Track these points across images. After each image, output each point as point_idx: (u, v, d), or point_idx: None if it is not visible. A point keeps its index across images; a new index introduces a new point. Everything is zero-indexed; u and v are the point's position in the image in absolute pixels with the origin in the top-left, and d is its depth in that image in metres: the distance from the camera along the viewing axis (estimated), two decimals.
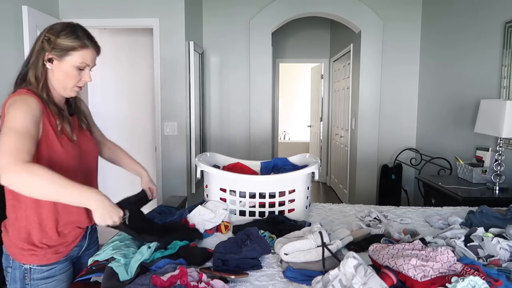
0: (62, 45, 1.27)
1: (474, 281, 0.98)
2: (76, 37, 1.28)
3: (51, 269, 1.32)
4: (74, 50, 1.28)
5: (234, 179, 1.81)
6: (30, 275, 1.29)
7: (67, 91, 1.34)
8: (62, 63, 1.28)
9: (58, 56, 1.28)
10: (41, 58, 1.28)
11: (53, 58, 1.28)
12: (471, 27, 3.28)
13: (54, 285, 1.33)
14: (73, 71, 1.30)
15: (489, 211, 1.74)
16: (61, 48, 1.27)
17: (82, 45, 1.29)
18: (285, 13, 4.35)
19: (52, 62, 1.28)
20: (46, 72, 1.29)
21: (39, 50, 1.28)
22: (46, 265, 1.31)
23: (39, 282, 1.30)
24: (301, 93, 8.76)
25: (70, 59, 1.28)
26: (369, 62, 4.33)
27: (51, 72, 1.30)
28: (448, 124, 3.62)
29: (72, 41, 1.27)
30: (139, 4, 3.58)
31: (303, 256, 1.29)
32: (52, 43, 1.26)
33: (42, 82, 1.28)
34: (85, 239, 1.46)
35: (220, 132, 4.49)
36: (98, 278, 1.20)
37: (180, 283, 1.08)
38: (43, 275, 1.31)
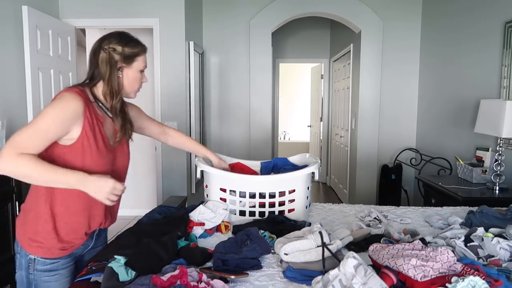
0: (129, 52, 1.37)
1: (474, 281, 0.98)
2: (136, 43, 1.41)
3: (54, 263, 1.35)
4: (139, 56, 1.40)
5: (234, 179, 1.81)
6: (34, 265, 1.33)
7: (132, 94, 1.46)
8: (130, 70, 1.39)
9: (127, 64, 1.38)
10: (115, 69, 1.36)
11: (123, 67, 1.37)
12: (471, 27, 3.28)
13: (56, 278, 1.36)
14: (139, 74, 1.42)
15: (489, 211, 1.74)
16: (129, 55, 1.37)
17: (143, 49, 1.42)
18: (285, 13, 4.35)
19: (122, 71, 1.38)
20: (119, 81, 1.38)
21: (108, 61, 1.34)
22: (50, 259, 1.34)
23: (42, 274, 1.34)
24: (301, 93, 8.76)
25: (137, 64, 1.40)
26: (369, 62, 4.33)
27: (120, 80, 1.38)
28: (448, 124, 3.62)
29: (135, 48, 1.39)
30: (139, 4, 3.58)
31: (303, 256, 1.29)
32: (121, 53, 1.35)
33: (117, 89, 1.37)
34: (91, 239, 1.47)
35: (220, 132, 4.49)
36: (98, 278, 1.20)
37: (180, 283, 1.08)
38: (46, 268, 1.34)
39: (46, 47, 3.20)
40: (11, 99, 2.90)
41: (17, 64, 2.95)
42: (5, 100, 2.84)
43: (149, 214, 1.85)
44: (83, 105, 1.28)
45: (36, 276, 1.34)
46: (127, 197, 4.68)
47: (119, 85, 1.37)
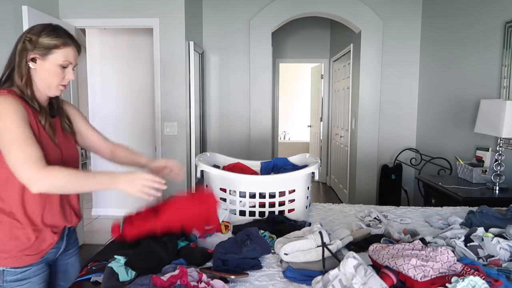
0: (44, 43, 1.28)
1: (474, 281, 0.98)
2: (57, 35, 1.30)
3: (25, 271, 1.29)
4: (57, 48, 1.30)
5: (234, 179, 1.81)
6: (3, 277, 1.27)
7: (51, 90, 1.34)
8: (45, 62, 1.29)
9: (41, 55, 1.29)
10: (24, 58, 1.28)
11: (36, 58, 1.29)
12: (471, 27, 3.28)
13: (28, 286, 1.30)
14: (57, 69, 1.31)
15: (489, 211, 1.74)
16: (44, 47, 1.28)
17: (64, 43, 1.31)
18: (285, 13, 4.35)
19: (35, 62, 1.29)
20: (29, 72, 1.29)
21: (21, 51, 1.28)
22: (20, 267, 1.28)
23: (13, 284, 1.28)
24: (301, 93, 8.75)
25: (53, 57, 1.30)
26: (369, 62, 4.33)
27: (35, 72, 1.30)
28: (448, 124, 3.62)
29: (54, 40, 1.29)
30: (139, 4, 3.58)
31: (303, 256, 1.29)
32: (34, 42, 1.27)
33: (25, 80, 1.28)
34: (62, 241, 1.42)
35: (220, 132, 4.49)
36: (98, 278, 1.20)
37: (180, 283, 1.08)
38: (16, 277, 1.28)
39: None
40: None
41: None
42: None
43: None
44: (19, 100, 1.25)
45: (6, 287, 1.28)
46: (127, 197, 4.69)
47: (27, 75, 1.28)
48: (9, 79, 1.31)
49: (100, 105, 4.49)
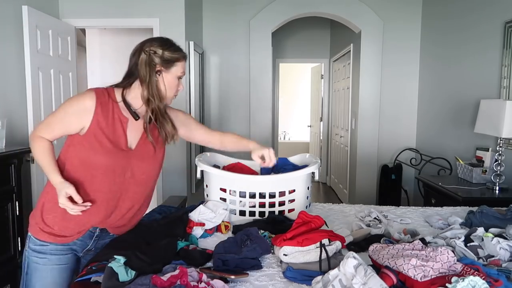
0: (169, 57, 1.37)
1: (474, 281, 0.98)
2: (177, 49, 1.40)
3: (43, 245, 1.36)
4: (178, 61, 1.39)
5: (234, 179, 1.81)
6: (28, 243, 1.39)
7: (167, 100, 1.43)
8: (168, 74, 1.38)
9: (166, 68, 1.37)
10: (153, 70, 1.35)
11: (162, 70, 1.37)
12: (471, 27, 3.27)
13: (43, 262, 1.36)
14: (175, 81, 1.41)
15: (489, 211, 1.74)
16: (168, 60, 1.37)
17: (184, 56, 1.42)
18: (285, 13, 4.35)
19: (159, 74, 1.37)
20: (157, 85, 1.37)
21: (148, 63, 1.34)
22: (38, 239, 1.36)
23: (32, 253, 1.37)
24: (301, 93, 8.75)
25: (175, 70, 1.39)
26: (369, 62, 4.33)
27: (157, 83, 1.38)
28: (448, 124, 3.62)
29: (175, 53, 1.38)
30: (139, 4, 3.58)
31: (302, 256, 1.28)
32: (160, 56, 1.35)
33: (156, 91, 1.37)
34: (90, 239, 1.43)
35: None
36: (98, 278, 1.20)
37: (180, 283, 1.08)
38: (35, 248, 1.37)
39: (46, 47, 3.20)
40: (11, 99, 2.90)
41: (17, 64, 2.95)
42: (5, 100, 2.84)
43: (149, 214, 1.85)
44: (95, 102, 1.31)
45: (29, 253, 1.38)
46: None
47: (158, 88, 1.37)
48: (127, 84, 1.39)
49: None
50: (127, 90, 1.39)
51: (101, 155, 1.32)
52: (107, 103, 1.34)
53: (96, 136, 1.31)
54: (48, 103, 3.22)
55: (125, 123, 1.37)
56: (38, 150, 1.35)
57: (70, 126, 1.33)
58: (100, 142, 1.32)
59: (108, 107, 1.34)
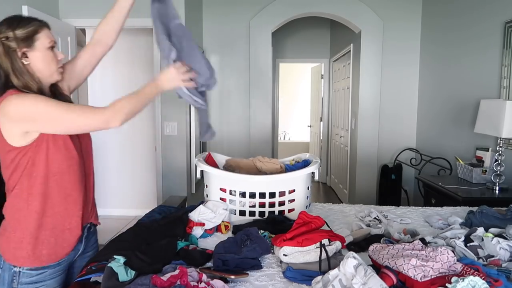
0: (23, 34, 1.22)
1: (474, 281, 0.98)
2: (28, 22, 1.25)
3: (41, 273, 1.28)
4: (37, 33, 1.25)
5: (234, 179, 1.81)
6: (19, 279, 1.26)
7: (54, 76, 1.31)
8: (35, 51, 1.24)
9: (28, 46, 1.23)
10: (16, 57, 1.22)
11: (26, 51, 1.23)
12: (471, 27, 3.27)
13: None
14: (49, 53, 1.28)
15: (489, 211, 1.74)
16: (25, 38, 1.22)
17: (41, 25, 1.27)
18: (285, 13, 4.35)
19: (27, 56, 1.23)
20: (27, 69, 1.24)
21: (6, 52, 1.21)
22: (36, 269, 1.27)
23: (27, 287, 1.27)
24: (301, 93, 8.75)
25: (40, 43, 1.25)
26: (369, 62, 4.32)
27: (30, 67, 1.24)
28: (448, 124, 3.62)
29: (29, 27, 1.24)
30: (139, 4, 3.53)
31: (302, 257, 1.29)
32: (14, 38, 1.21)
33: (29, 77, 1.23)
34: (81, 243, 1.40)
35: (220, 132, 4.49)
36: (98, 278, 1.20)
37: (180, 283, 1.08)
38: (31, 280, 1.27)
39: None
40: None
41: None
42: None
43: (149, 214, 1.85)
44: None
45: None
46: (127, 197, 4.68)
47: (29, 72, 1.23)
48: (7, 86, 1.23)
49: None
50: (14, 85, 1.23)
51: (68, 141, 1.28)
52: None
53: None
54: None
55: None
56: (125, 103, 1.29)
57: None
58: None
59: None
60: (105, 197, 4.53)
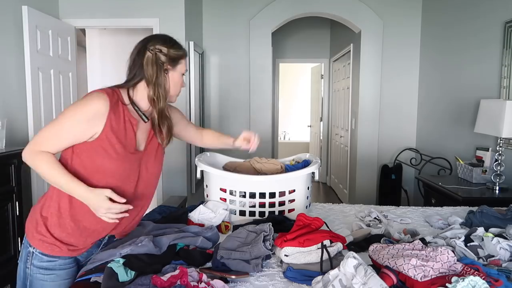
0: (174, 55, 1.34)
1: (474, 281, 0.98)
2: (181, 46, 1.39)
3: (52, 261, 1.28)
4: (182, 59, 1.38)
5: (234, 179, 1.81)
6: (31, 260, 1.28)
7: (174, 98, 1.42)
8: (174, 72, 1.36)
9: (172, 66, 1.35)
10: (161, 70, 1.32)
11: (168, 69, 1.34)
12: (471, 27, 3.27)
13: (51, 278, 1.29)
14: (180, 78, 1.39)
15: (489, 211, 1.74)
16: (174, 58, 1.34)
17: (186, 53, 1.40)
18: (285, 13, 4.35)
19: (167, 73, 1.34)
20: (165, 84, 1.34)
21: (155, 62, 1.30)
22: (47, 255, 1.28)
23: (37, 270, 1.28)
24: (301, 93, 8.75)
25: (180, 67, 1.37)
26: (369, 62, 4.33)
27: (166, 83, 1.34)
28: (448, 124, 3.62)
29: (179, 51, 1.37)
30: (139, 4, 3.58)
31: (303, 257, 1.28)
32: (166, 54, 1.32)
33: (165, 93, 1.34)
34: (97, 248, 1.40)
35: (220, 131, 4.48)
36: (98, 278, 1.20)
37: (180, 283, 1.08)
38: (41, 265, 1.28)
39: (46, 47, 3.20)
40: (11, 99, 2.90)
41: (17, 64, 2.95)
42: (5, 100, 2.84)
43: (149, 214, 1.85)
44: (108, 106, 1.23)
45: (32, 271, 1.28)
46: None
47: (165, 87, 1.34)
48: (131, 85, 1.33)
49: None
50: (132, 91, 1.33)
51: (116, 160, 1.26)
52: (117, 106, 1.27)
53: (110, 141, 1.24)
54: (48, 103, 3.22)
55: (135, 125, 1.31)
56: (47, 167, 1.22)
57: (82, 135, 1.23)
58: (114, 146, 1.25)
59: (119, 109, 1.27)
60: None
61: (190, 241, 1.41)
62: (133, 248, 1.27)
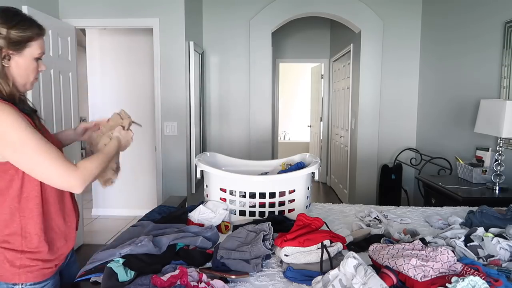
0: (17, 37, 1.10)
1: (474, 281, 0.98)
2: (30, 24, 1.13)
3: (45, 285, 1.19)
4: (32, 40, 1.13)
5: (234, 179, 1.81)
6: None
7: (27, 86, 1.19)
8: (21, 58, 1.12)
9: (16, 51, 1.11)
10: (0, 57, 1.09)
11: (11, 54, 1.10)
12: (471, 26, 3.28)
13: None
14: (33, 63, 1.16)
15: (489, 211, 1.74)
16: (18, 41, 1.10)
17: (39, 33, 1.15)
18: (285, 13, 4.35)
19: (9, 59, 1.11)
20: (6, 73, 1.11)
21: None
22: (40, 282, 1.17)
23: None
24: (301, 93, 8.75)
25: (29, 51, 1.13)
26: (369, 62, 4.33)
27: (8, 70, 1.12)
28: (448, 124, 3.62)
29: (26, 31, 1.11)
30: (139, 4, 3.58)
31: (303, 257, 1.28)
32: (5, 37, 1.08)
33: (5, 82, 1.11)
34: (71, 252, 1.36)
35: (220, 132, 4.49)
36: (98, 278, 1.20)
37: (180, 283, 1.08)
38: None
39: (46, 47, 3.19)
40: None
41: None
42: None
43: (149, 214, 1.85)
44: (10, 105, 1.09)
45: None
46: (127, 197, 4.67)
47: (7, 76, 1.11)
48: None
49: (100, 105, 4.49)
50: None
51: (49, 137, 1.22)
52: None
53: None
54: (48, 103, 3.22)
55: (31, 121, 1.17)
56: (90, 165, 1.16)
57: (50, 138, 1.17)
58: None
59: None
60: (105, 197, 4.53)
61: (190, 241, 1.41)
62: (132, 248, 1.27)
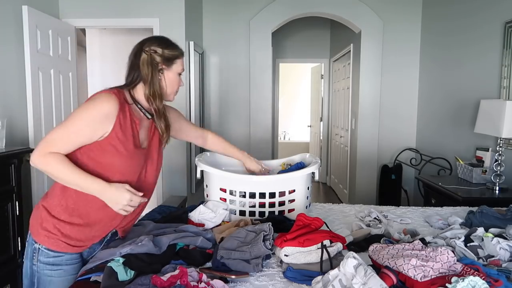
0: (169, 55, 1.40)
1: (474, 281, 0.98)
2: (176, 47, 1.45)
3: (58, 256, 1.30)
4: (178, 59, 1.43)
5: (234, 179, 1.81)
6: (38, 256, 1.30)
7: (172, 97, 1.47)
8: (169, 72, 1.42)
9: (167, 66, 1.40)
10: (156, 70, 1.38)
11: (163, 68, 1.40)
12: (471, 27, 3.27)
13: (58, 274, 1.31)
14: (177, 77, 1.45)
15: (489, 211, 1.74)
16: (169, 58, 1.40)
17: (182, 53, 1.46)
18: (285, 13, 4.35)
19: (162, 73, 1.40)
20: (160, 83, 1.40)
21: (150, 62, 1.36)
22: (54, 251, 1.30)
23: (44, 266, 1.30)
24: (301, 93, 8.75)
25: (175, 67, 1.43)
26: (369, 62, 4.33)
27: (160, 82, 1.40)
28: (448, 124, 3.62)
29: (175, 51, 1.42)
30: (139, 4, 3.58)
31: (303, 257, 1.28)
32: (161, 55, 1.38)
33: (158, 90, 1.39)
34: (99, 245, 1.42)
35: (221, 132, 4.48)
36: (98, 278, 1.20)
37: (180, 283, 1.08)
38: (48, 260, 1.30)
39: (46, 47, 3.19)
40: (11, 99, 2.90)
41: (17, 64, 2.95)
42: (5, 100, 2.84)
43: (149, 214, 1.85)
44: (118, 106, 1.29)
45: (39, 267, 1.30)
46: None
47: (160, 86, 1.40)
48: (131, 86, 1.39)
49: None
50: (132, 91, 1.39)
51: (125, 156, 1.31)
52: (124, 105, 1.33)
53: (120, 139, 1.29)
54: (48, 103, 3.22)
55: (138, 124, 1.37)
56: (62, 166, 1.23)
57: (94, 134, 1.27)
58: (124, 144, 1.30)
59: (125, 109, 1.33)
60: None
61: (190, 240, 1.41)
62: (133, 247, 1.28)
